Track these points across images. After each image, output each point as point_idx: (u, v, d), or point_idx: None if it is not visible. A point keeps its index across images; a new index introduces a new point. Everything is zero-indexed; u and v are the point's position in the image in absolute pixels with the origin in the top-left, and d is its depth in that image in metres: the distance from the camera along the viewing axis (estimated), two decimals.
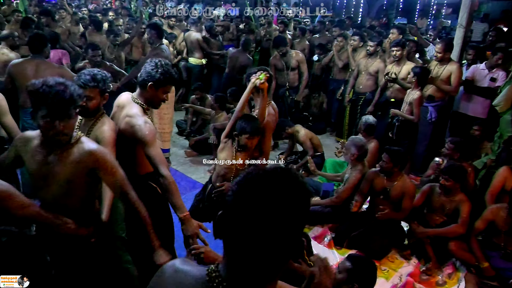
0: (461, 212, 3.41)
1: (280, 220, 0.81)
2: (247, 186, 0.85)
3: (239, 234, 0.83)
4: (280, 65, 5.91)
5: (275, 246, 0.82)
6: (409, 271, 3.44)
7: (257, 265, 0.84)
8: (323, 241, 3.77)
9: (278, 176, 0.86)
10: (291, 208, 0.82)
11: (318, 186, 4.40)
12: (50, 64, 4.05)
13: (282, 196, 0.82)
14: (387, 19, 11.66)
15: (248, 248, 0.83)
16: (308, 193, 0.87)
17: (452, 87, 4.78)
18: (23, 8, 9.27)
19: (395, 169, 3.56)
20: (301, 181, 0.88)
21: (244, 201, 0.83)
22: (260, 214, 0.81)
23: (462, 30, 5.11)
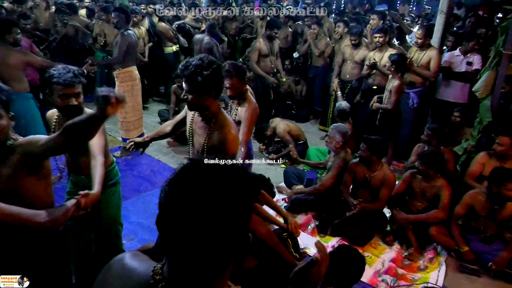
0: (441, 198, 3.46)
1: (216, 218, 0.75)
2: (179, 183, 0.79)
3: (175, 235, 0.78)
4: (266, 50, 5.73)
5: (214, 245, 0.77)
6: (391, 256, 3.49)
7: (198, 265, 0.79)
8: (307, 229, 3.79)
9: (214, 170, 0.80)
10: (229, 204, 0.77)
11: (301, 174, 4.41)
12: (15, 50, 3.95)
13: (222, 189, 0.77)
14: (370, 5, 11.62)
15: (187, 249, 0.77)
16: (250, 186, 0.82)
17: (431, 72, 4.85)
18: None
19: (373, 157, 3.58)
20: (242, 173, 0.83)
21: (177, 200, 0.77)
22: (194, 212, 0.75)
23: (443, 16, 5.12)
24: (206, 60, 2.11)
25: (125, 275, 0.91)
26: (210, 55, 2.35)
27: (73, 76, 2.25)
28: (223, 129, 2.25)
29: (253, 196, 0.83)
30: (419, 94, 5.01)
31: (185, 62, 2.15)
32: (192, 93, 2.16)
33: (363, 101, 5.34)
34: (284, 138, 5.18)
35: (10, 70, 3.86)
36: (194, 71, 2.08)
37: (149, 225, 3.75)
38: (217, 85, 2.17)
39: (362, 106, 5.35)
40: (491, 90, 4.14)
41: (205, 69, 2.08)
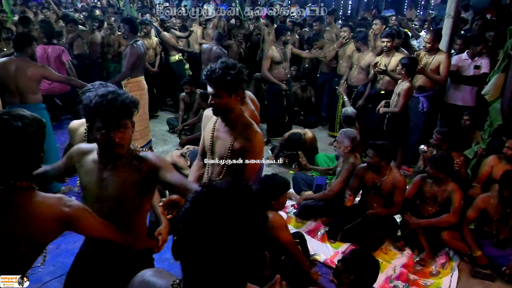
0: (453, 202, 3.42)
1: (233, 240, 0.78)
2: (198, 206, 0.82)
3: (193, 256, 0.81)
4: (279, 57, 5.67)
5: (231, 266, 0.80)
6: (403, 262, 3.45)
7: (215, 284, 0.82)
8: (317, 235, 3.77)
9: (230, 194, 0.83)
10: (246, 227, 0.80)
11: (310, 180, 4.40)
12: (32, 63, 4.12)
13: (235, 215, 0.80)
14: (377, 10, 11.64)
15: (204, 269, 0.81)
16: (263, 209, 0.85)
17: (442, 76, 4.80)
18: (8, 8, 9.12)
19: (382, 163, 3.55)
20: (255, 197, 0.85)
21: (196, 223, 0.80)
22: (212, 235, 0.78)
23: (450, 20, 5.11)
24: (229, 61, 2.22)
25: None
26: None
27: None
28: (249, 130, 2.31)
29: (265, 219, 0.86)
30: (429, 99, 4.97)
31: (209, 68, 2.20)
32: (221, 95, 2.21)
33: (371, 106, 5.31)
34: (309, 145, 5.19)
35: (27, 81, 4.00)
36: (223, 72, 2.15)
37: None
38: (242, 85, 2.26)
39: (370, 111, 5.33)
40: (500, 93, 4.11)
41: (231, 69, 2.17)
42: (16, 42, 4.10)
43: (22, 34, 4.28)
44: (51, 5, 8.72)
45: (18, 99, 3.99)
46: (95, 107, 1.67)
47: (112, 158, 1.80)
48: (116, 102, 1.69)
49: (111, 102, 1.67)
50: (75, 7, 10.78)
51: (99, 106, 1.66)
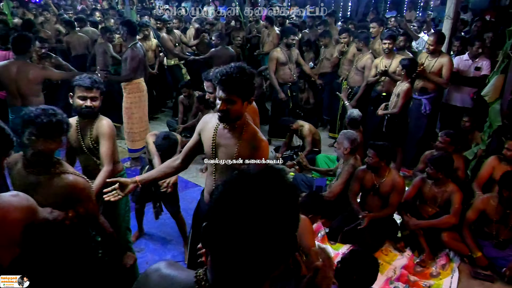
0: (453, 203, 3.43)
1: (266, 227, 0.77)
2: (230, 192, 0.81)
3: (224, 243, 0.80)
4: (284, 58, 5.64)
5: (263, 253, 0.78)
6: (403, 263, 3.46)
7: (244, 272, 0.81)
8: (317, 236, 3.76)
9: (262, 179, 0.82)
10: (278, 213, 0.78)
11: (311, 182, 4.40)
12: (33, 65, 4.09)
13: (268, 201, 0.78)
14: (377, 12, 11.65)
15: (235, 256, 0.79)
16: (296, 196, 0.83)
17: (444, 79, 4.74)
18: (8, 10, 9.14)
19: (381, 163, 3.56)
20: (288, 183, 0.84)
21: (228, 208, 0.79)
22: (244, 221, 0.77)
23: (450, 21, 5.12)
24: (245, 66, 2.11)
25: (166, 284, 0.92)
26: None
27: (93, 81, 2.55)
28: (256, 138, 2.23)
29: (297, 203, 0.84)
30: (431, 101, 4.91)
31: (224, 71, 2.05)
32: (235, 101, 2.08)
33: (372, 108, 5.30)
34: (307, 138, 5.16)
35: (29, 85, 3.98)
36: (240, 78, 2.03)
37: (159, 235, 3.78)
38: (253, 90, 2.18)
39: (371, 113, 5.31)
40: (500, 94, 4.12)
41: (248, 75, 2.08)
42: (16, 45, 4.01)
43: (21, 35, 4.17)
44: (50, 7, 8.75)
45: (20, 101, 3.98)
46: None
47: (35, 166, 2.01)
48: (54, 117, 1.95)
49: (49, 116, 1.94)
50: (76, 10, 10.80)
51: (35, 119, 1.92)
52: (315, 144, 5.24)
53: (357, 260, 2.36)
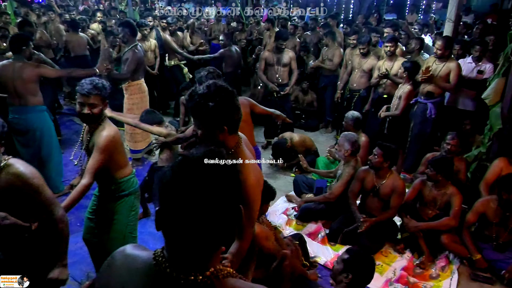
0: (452, 205, 3.44)
1: (209, 203, 0.86)
2: (176, 175, 0.89)
3: (174, 220, 0.88)
4: (272, 60, 5.74)
5: (208, 227, 0.88)
6: (402, 265, 3.47)
7: (194, 245, 0.90)
8: (317, 237, 3.78)
9: (203, 161, 0.91)
10: (218, 190, 0.88)
11: (311, 183, 4.42)
12: (28, 63, 4.03)
13: (209, 180, 0.87)
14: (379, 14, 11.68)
15: (185, 233, 0.88)
16: (234, 174, 0.93)
17: (451, 84, 4.66)
18: (11, 10, 9.18)
19: (384, 164, 3.57)
20: (227, 163, 0.93)
21: (174, 189, 0.88)
22: (190, 198, 0.86)
23: (451, 24, 5.14)
24: (213, 87, 1.68)
25: (129, 262, 1.01)
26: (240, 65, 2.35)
27: (92, 88, 2.42)
28: (240, 172, 1.86)
29: (234, 181, 0.93)
30: (437, 105, 4.84)
31: (191, 91, 1.73)
32: (200, 127, 1.74)
33: (373, 110, 5.32)
34: (298, 148, 5.18)
35: (25, 84, 3.93)
36: (198, 102, 1.67)
37: (160, 235, 3.78)
38: (228, 118, 1.71)
39: (372, 115, 5.33)
40: (500, 98, 4.13)
41: (211, 99, 1.65)
42: (12, 44, 4.01)
43: (18, 35, 4.17)
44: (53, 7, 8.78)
45: (18, 101, 3.97)
46: None
47: None
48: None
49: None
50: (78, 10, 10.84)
51: None
52: (309, 149, 5.26)
53: (355, 259, 2.38)
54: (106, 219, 2.67)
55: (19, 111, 3.99)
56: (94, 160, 2.41)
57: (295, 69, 5.89)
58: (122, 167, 2.62)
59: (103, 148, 2.42)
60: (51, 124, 4.26)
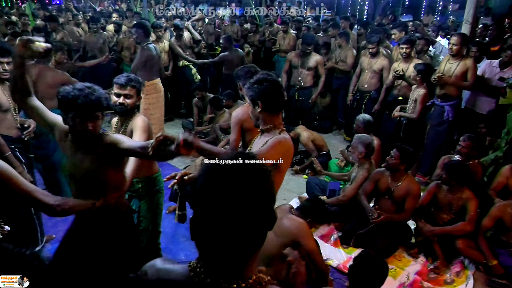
0: (468, 210, 3.38)
1: (244, 209, 0.85)
2: (209, 182, 0.88)
3: (211, 230, 0.88)
4: (296, 62, 5.79)
5: (243, 234, 0.87)
6: (416, 269, 3.42)
7: (231, 252, 0.89)
8: (330, 240, 3.76)
9: (236, 167, 0.89)
10: (253, 196, 0.87)
11: (324, 185, 4.39)
12: (52, 69, 4.16)
13: (243, 186, 0.86)
14: (393, 16, 11.58)
15: (221, 239, 0.87)
16: (266, 176, 0.91)
17: (469, 82, 4.54)
18: (30, 11, 9.37)
19: (401, 166, 3.54)
20: (259, 166, 0.92)
21: (209, 197, 0.87)
22: (225, 204, 0.85)
23: (469, 26, 5.06)
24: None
25: (162, 276, 0.99)
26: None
27: (128, 79, 2.63)
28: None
29: (268, 184, 0.92)
30: (454, 107, 4.74)
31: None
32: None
33: (388, 113, 5.27)
34: (307, 145, 5.16)
35: (47, 88, 4.03)
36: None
37: (173, 235, 3.82)
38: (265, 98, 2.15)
39: (387, 118, 5.27)
40: None
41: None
42: None
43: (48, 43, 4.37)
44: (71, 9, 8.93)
45: None
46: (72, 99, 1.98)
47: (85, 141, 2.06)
48: (92, 96, 1.98)
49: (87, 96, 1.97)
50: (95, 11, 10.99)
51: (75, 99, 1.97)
52: (320, 148, 5.23)
53: (367, 261, 2.36)
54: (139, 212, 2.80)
55: None
56: (138, 137, 2.52)
57: (323, 74, 5.91)
58: (150, 164, 2.75)
59: (143, 127, 2.59)
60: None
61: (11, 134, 3.18)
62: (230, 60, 6.39)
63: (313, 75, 5.95)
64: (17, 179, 1.74)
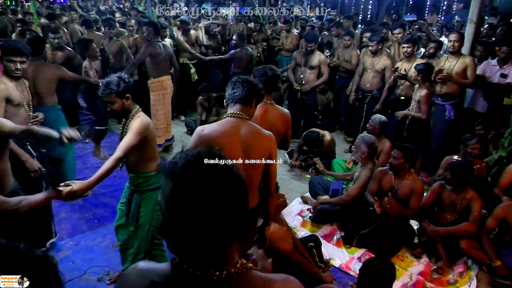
0: (472, 210, 3.36)
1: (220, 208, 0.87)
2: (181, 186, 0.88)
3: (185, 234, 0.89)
4: (299, 60, 5.83)
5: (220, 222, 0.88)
6: (419, 270, 3.41)
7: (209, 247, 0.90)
8: (332, 239, 3.76)
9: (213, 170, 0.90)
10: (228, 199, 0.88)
11: (327, 185, 4.39)
12: (48, 64, 4.30)
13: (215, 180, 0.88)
14: (398, 15, 11.53)
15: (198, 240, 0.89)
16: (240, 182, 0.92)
17: (470, 79, 4.57)
18: (34, 10, 9.39)
19: (406, 165, 3.53)
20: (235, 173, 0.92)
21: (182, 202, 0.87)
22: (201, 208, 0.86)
23: (473, 25, 5.03)
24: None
25: (146, 275, 0.99)
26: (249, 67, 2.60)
27: (104, 88, 2.60)
28: None
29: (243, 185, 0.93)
30: (455, 106, 4.78)
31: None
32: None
33: (390, 112, 5.25)
34: (325, 147, 5.16)
35: (45, 83, 4.11)
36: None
37: None
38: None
39: (389, 117, 5.25)
40: None
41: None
42: (32, 46, 4.06)
43: (36, 37, 4.46)
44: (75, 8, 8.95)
45: (36, 101, 4.04)
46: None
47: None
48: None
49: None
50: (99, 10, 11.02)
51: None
52: (330, 149, 5.22)
53: (376, 267, 2.35)
54: (134, 210, 2.80)
55: (38, 110, 4.08)
56: (127, 138, 2.54)
57: (325, 73, 5.89)
58: (151, 160, 2.73)
59: (136, 130, 2.56)
60: (65, 122, 4.39)
61: None
62: (239, 58, 6.39)
63: (317, 74, 5.93)
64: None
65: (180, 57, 6.89)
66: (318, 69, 5.88)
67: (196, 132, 2.32)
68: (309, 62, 5.76)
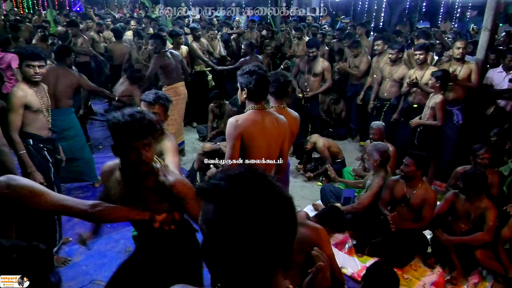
0: (487, 220, 3.31)
1: (267, 232, 0.81)
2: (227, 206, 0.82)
3: (228, 257, 0.83)
4: (303, 67, 5.85)
5: (265, 254, 0.83)
6: (433, 280, 3.37)
7: (254, 274, 0.85)
8: (344, 248, 3.73)
9: (259, 189, 0.84)
10: (276, 219, 0.82)
11: (339, 192, 4.36)
12: (70, 71, 4.55)
13: (266, 209, 0.81)
14: (410, 23, 11.49)
15: (245, 265, 0.83)
16: (289, 203, 0.87)
17: (474, 83, 4.73)
18: (51, 18, 9.60)
19: (418, 172, 3.49)
20: (279, 191, 0.86)
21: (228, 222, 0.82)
22: (248, 231, 0.80)
23: (487, 33, 4.98)
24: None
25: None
26: None
27: (157, 97, 2.68)
28: None
29: (291, 205, 0.88)
30: (463, 110, 4.84)
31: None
32: None
33: (403, 120, 5.22)
34: (323, 153, 5.14)
35: (65, 88, 4.41)
36: None
37: None
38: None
39: (402, 125, 5.23)
40: None
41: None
42: (57, 53, 4.55)
43: (63, 46, 4.89)
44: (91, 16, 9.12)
45: (53, 104, 4.16)
46: (124, 125, 1.74)
47: (137, 175, 1.88)
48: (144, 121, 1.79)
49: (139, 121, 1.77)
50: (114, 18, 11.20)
51: (128, 125, 1.74)
52: (335, 156, 5.20)
53: (377, 272, 2.34)
54: None
55: (55, 113, 4.20)
56: (175, 162, 2.46)
57: (328, 80, 5.89)
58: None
59: (174, 149, 2.57)
60: (78, 123, 4.64)
61: (41, 134, 3.36)
62: None
63: (320, 81, 5.93)
64: (48, 193, 1.70)
65: (195, 64, 6.97)
66: (321, 76, 5.88)
67: (230, 123, 2.55)
68: (312, 69, 5.77)
